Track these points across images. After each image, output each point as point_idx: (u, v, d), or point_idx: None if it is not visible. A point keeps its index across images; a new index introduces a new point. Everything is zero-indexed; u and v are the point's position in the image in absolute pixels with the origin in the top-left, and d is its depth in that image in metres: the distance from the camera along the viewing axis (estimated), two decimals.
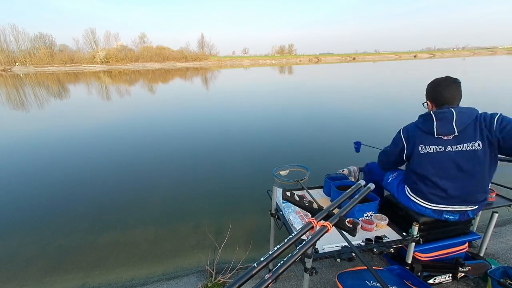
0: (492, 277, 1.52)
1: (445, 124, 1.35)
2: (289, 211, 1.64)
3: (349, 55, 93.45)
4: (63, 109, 10.67)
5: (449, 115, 1.34)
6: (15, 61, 55.68)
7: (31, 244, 2.65)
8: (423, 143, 1.43)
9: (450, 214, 1.45)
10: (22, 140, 6.15)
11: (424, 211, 1.50)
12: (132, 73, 37.36)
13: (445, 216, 1.46)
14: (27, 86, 20.86)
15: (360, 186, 1.19)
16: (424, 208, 1.49)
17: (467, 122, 1.32)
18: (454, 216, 1.46)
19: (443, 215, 1.46)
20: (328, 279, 1.84)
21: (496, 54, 76.61)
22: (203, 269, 2.14)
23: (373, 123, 6.66)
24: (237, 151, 5.00)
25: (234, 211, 3.07)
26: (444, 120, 1.36)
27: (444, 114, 1.36)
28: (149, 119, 8.10)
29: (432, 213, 1.48)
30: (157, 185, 3.77)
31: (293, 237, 0.85)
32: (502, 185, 1.92)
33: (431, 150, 1.41)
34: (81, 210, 3.18)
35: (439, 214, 1.47)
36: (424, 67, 31.61)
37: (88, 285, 2.14)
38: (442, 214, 1.46)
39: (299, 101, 10.53)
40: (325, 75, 25.78)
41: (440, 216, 1.47)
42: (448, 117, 1.35)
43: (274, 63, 67.25)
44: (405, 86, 14.60)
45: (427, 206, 1.48)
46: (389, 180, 1.73)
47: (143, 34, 76.11)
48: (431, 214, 1.48)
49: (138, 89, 17.60)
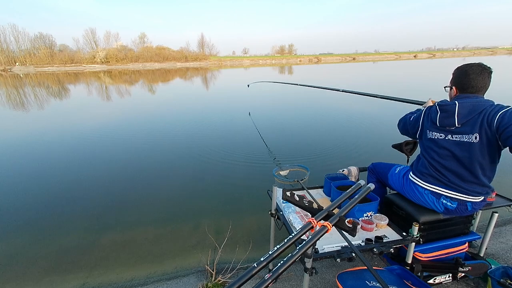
0: (492, 277, 1.52)
1: (447, 116, 1.40)
2: (289, 211, 1.64)
3: (349, 55, 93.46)
4: (63, 109, 10.67)
5: (452, 108, 1.37)
6: (15, 61, 55.70)
7: (31, 244, 2.65)
8: (430, 129, 1.52)
9: (449, 200, 1.46)
10: (22, 140, 6.15)
11: (423, 193, 1.52)
12: (132, 73, 37.37)
13: (443, 201, 1.47)
14: (27, 86, 20.86)
15: (360, 186, 1.19)
16: (423, 190, 1.52)
17: (470, 116, 1.33)
18: (452, 204, 1.46)
19: (441, 200, 1.47)
20: (328, 279, 1.84)
21: (496, 54, 76.61)
22: (203, 269, 2.14)
23: (373, 123, 6.66)
24: (237, 151, 5.00)
25: (234, 211, 3.07)
26: (446, 112, 1.40)
27: (447, 106, 1.40)
28: (149, 119, 8.10)
29: (432, 196, 1.49)
30: (157, 185, 3.77)
31: (293, 237, 0.85)
32: None
33: (434, 136, 1.49)
34: (81, 210, 3.18)
35: (437, 197, 1.48)
36: (423, 67, 31.61)
37: (88, 285, 2.14)
38: (440, 198, 1.47)
39: (299, 101, 10.54)
40: (325, 75, 25.79)
41: (439, 200, 1.48)
42: (451, 110, 1.38)
43: (274, 63, 67.26)
44: (406, 85, 14.59)
45: (426, 187, 1.51)
46: (396, 171, 1.75)
47: (143, 34, 76.16)
48: (430, 197, 1.50)
49: (138, 89, 17.60)
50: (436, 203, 1.48)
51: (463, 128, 1.36)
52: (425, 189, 1.51)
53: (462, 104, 1.34)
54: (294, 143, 5.39)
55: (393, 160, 1.93)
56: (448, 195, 1.45)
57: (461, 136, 1.37)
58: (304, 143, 5.35)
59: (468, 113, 1.33)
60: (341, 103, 9.69)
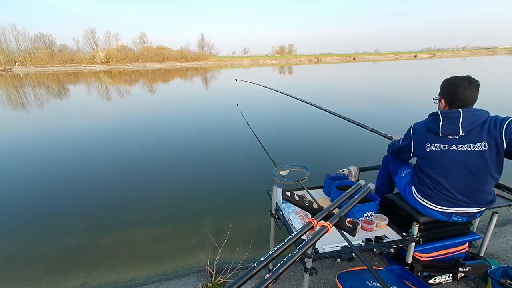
0: (492, 277, 1.52)
1: (451, 124, 1.34)
2: (289, 211, 1.64)
3: (349, 55, 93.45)
4: (64, 109, 10.67)
5: (456, 115, 1.33)
6: (15, 61, 55.68)
7: (31, 244, 2.65)
8: (429, 141, 1.43)
9: (459, 216, 1.44)
10: (22, 140, 6.15)
11: (432, 214, 1.48)
12: (132, 73, 37.36)
13: (454, 218, 1.46)
14: (27, 86, 20.86)
15: (360, 186, 1.19)
16: (432, 211, 1.47)
17: (474, 125, 1.30)
18: (462, 218, 1.45)
19: (452, 217, 1.46)
20: (328, 279, 1.84)
21: (496, 54, 76.60)
22: (203, 269, 2.14)
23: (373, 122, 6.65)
24: (237, 151, 5.00)
25: (234, 211, 3.07)
26: (450, 119, 1.34)
27: (451, 113, 1.35)
28: (149, 119, 8.10)
29: (441, 215, 1.46)
30: (158, 185, 3.77)
31: (293, 237, 0.85)
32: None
33: (436, 148, 1.41)
34: (81, 210, 3.18)
35: (448, 216, 1.46)
36: (423, 67, 31.61)
37: (88, 285, 2.14)
38: (451, 216, 1.46)
39: (299, 101, 10.52)
40: (325, 75, 25.78)
41: (449, 218, 1.46)
42: (455, 117, 1.33)
43: (274, 63, 67.26)
44: (406, 86, 14.60)
45: (435, 209, 1.46)
46: (402, 175, 1.71)
47: (143, 34, 76.11)
48: (440, 216, 1.47)
49: (138, 89, 17.60)
50: (446, 219, 1.48)
51: (468, 137, 1.32)
52: (434, 210, 1.47)
53: (466, 112, 1.31)
54: (294, 143, 5.40)
55: None
56: (458, 213, 1.43)
57: (468, 145, 1.32)
58: (304, 143, 5.35)
59: (472, 122, 1.30)
60: (342, 102, 9.69)
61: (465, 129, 1.31)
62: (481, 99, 1.41)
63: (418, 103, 8.67)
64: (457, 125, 1.32)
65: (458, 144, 1.34)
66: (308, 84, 17.20)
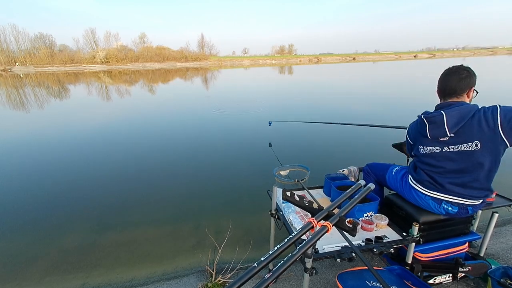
0: (492, 277, 1.52)
1: (437, 127, 1.36)
2: (289, 211, 1.64)
3: (349, 55, 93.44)
4: (64, 109, 10.67)
5: (440, 118, 1.33)
6: (15, 61, 55.67)
7: (31, 244, 2.65)
8: (422, 144, 1.48)
9: (450, 205, 1.45)
10: (23, 140, 6.15)
11: (424, 199, 1.50)
12: (132, 73, 37.35)
13: (444, 206, 1.46)
14: (27, 86, 20.86)
15: (360, 186, 1.19)
16: (424, 196, 1.50)
17: (461, 122, 1.29)
18: (453, 208, 1.45)
19: (443, 205, 1.46)
20: (328, 279, 1.84)
21: (496, 54, 76.57)
22: (203, 269, 2.14)
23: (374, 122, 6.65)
24: (237, 151, 5.00)
25: (234, 211, 3.07)
26: (435, 123, 1.36)
27: (434, 117, 1.36)
28: (149, 119, 8.10)
29: (433, 201, 1.48)
30: (157, 185, 3.77)
31: (293, 237, 0.85)
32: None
33: (429, 151, 1.45)
34: (81, 210, 3.18)
35: (438, 203, 1.46)
36: (423, 67, 31.59)
37: (88, 285, 2.14)
38: (441, 203, 1.46)
39: (299, 101, 10.53)
40: (325, 75, 25.78)
41: (440, 205, 1.46)
42: (438, 121, 1.34)
43: (274, 63, 67.26)
44: (405, 85, 14.60)
45: (427, 193, 1.48)
46: (393, 172, 1.73)
47: (143, 34, 76.12)
48: (431, 203, 1.48)
49: (138, 89, 17.60)
50: (437, 208, 1.48)
51: (458, 137, 1.32)
52: (425, 195, 1.49)
53: (449, 113, 1.31)
54: (294, 143, 5.39)
55: (394, 160, 1.93)
56: (449, 201, 1.44)
57: (459, 146, 1.33)
58: (304, 143, 5.35)
59: (458, 121, 1.29)
60: (342, 102, 9.69)
61: (452, 130, 1.31)
62: (482, 99, 1.40)
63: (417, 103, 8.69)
64: (443, 127, 1.33)
65: (450, 146, 1.36)
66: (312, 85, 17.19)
